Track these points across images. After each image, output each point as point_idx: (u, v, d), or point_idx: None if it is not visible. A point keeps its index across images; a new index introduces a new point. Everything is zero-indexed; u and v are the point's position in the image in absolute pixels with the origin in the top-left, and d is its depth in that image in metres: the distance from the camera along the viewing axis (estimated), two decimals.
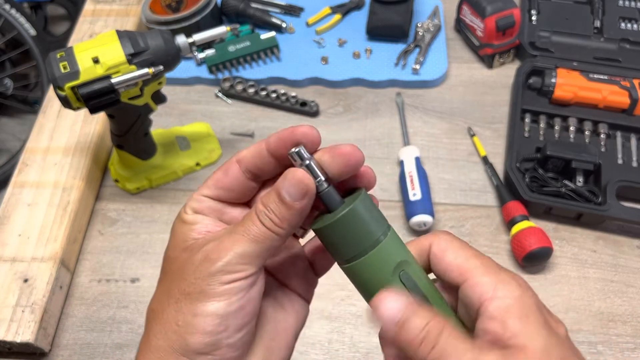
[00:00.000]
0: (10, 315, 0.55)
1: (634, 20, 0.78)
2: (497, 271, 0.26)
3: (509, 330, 0.24)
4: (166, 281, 0.27)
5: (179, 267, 0.26)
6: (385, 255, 0.26)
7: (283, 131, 0.27)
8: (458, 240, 0.28)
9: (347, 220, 0.26)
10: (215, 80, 0.78)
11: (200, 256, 0.26)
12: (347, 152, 0.27)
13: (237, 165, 0.28)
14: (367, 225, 0.26)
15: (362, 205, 0.26)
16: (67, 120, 0.71)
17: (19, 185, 0.65)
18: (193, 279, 0.25)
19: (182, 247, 0.27)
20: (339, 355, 0.55)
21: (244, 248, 0.25)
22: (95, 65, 0.52)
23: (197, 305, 0.25)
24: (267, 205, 0.26)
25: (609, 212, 0.60)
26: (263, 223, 0.25)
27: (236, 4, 0.81)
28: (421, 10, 0.83)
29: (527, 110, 0.70)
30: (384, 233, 0.27)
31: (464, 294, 0.26)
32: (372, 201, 0.27)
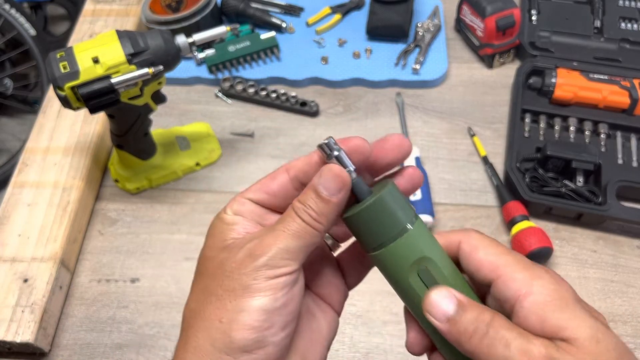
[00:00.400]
0: (10, 315, 0.55)
1: (634, 20, 0.78)
2: (531, 267, 0.26)
3: (550, 323, 0.24)
4: (204, 280, 0.27)
5: (218, 265, 0.26)
6: (406, 248, 0.27)
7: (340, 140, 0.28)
8: (488, 238, 0.28)
9: (374, 209, 0.27)
10: (215, 80, 0.78)
11: (242, 253, 0.26)
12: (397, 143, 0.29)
13: (286, 173, 0.28)
14: (392, 214, 0.27)
15: (389, 194, 0.27)
16: (67, 120, 0.71)
17: (19, 185, 0.65)
18: (237, 275, 0.25)
19: (220, 246, 0.27)
20: (339, 355, 0.55)
21: (286, 243, 0.25)
22: (95, 65, 0.52)
23: (242, 300, 0.25)
24: (305, 202, 0.26)
25: (609, 212, 0.60)
26: (302, 219, 0.26)
27: (236, 4, 0.81)
28: (421, 10, 0.83)
29: (527, 110, 0.70)
30: (409, 223, 0.27)
31: (497, 290, 0.26)
32: (399, 192, 0.28)
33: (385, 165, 0.29)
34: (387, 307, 0.58)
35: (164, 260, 0.62)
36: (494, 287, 0.26)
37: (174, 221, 0.65)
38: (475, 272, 0.27)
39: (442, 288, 0.26)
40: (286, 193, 0.28)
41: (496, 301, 0.26)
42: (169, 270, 0.61)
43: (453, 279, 0.27)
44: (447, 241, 0.29)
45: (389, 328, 0.56)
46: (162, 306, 0.59)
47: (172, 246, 0.63)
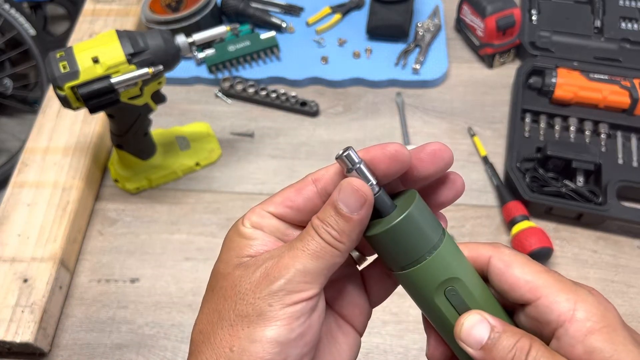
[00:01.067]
0: (9, 316, 0.55)
1: (634, 20, 0.78)
2: (574, 288, 0.24)
3: (597, 355, 0.22)
4: (216, 299, 0.25)
5: (231, 285, 0.24)
6: (434, 268, 0.25)
7: (371, 148, 0.25)
8: (522, 255, 0.26)
9: (400, 228, 0.24)
10: (215, 80, 0.78)
11: (258, 274, 0.24)
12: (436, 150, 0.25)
13: (314, 185, 0.26)
14: (420, 233, 0.25)
15: (416, 211, 0.25)
16: (66, 120, 0.70)
17: (19, 185, 0.65)
18: (252, 299, 0.23)
19: (235, 263, 0.25)
20: None
21: (305, 264, 0.23)
22: (95, 65, 0.51)
23: (256, 329, 0.23)
24: (324, 219, 0.24)
25: (610, 212, 0.60)
26: (322, 237, 0.24)
27: (236, 4, 0.81)
28: (421, 10, 0.83)
29: (527, 110, 0.70)
30: (438, 240, 0.25)
31: (538, 312, 0.24)
32: (425, 205, 0.26)
33: (422, 178, 0.26)
34: (387, 307, 0.58)
35: (163, 260, 0.62)
36: (534, 309, 0.24)
37: (174, 221, 0.65)
38: (510, 291, 0.25)
39: (474, 313, 0.25)
40: (313, 208, 0.26)
41: (533, 322, 0.25)
42: (169, 270, 0.61)
43: (483, 300, 0.26)
44: (476, 254, 0.26)
45: (389, 328, 0.56)
46: (162, 306, 0.59)
47: (172, 246, 0.63)
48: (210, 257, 0.62)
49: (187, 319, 0.58)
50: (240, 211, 0.66)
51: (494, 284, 0.26)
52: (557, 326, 0.23)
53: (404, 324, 0.56)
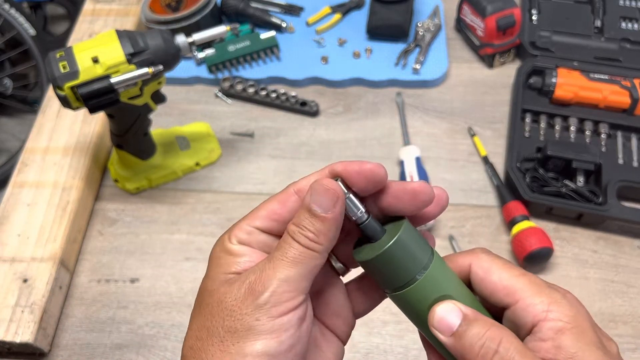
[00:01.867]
0: (9, 316, 0.55)
1: (634, 20, 0.78)
2: (548, 291, 0.25)
3: (564, 351, 0.23)
4: (204, 316, 0.25)
5: (218, 302, 0.24)
6: (426, 288, 0.26)
7: (350, 163, 0.25)
8: (499, 258, 0.27)
9: (390, 253, 0.26)
10: (215, 80, 0.78)
11: (243, 290, 0.24)
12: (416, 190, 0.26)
13: (296, 195, 0.26)
14: (410, 257, 0.26)
15: (406, 235, 0.26)
16: (66, 120, 0.70)
17: (19, 185, 0.64)
18: (239, 315, 0.23)
19: (221, 279, 0.25)
20: None
21: (287, 273, 0.24)
22: (95, 65, 0.51)
23: (246, 344, 0.23)
24: (299, 223, 0.24)
25: (610, 212, 0.60)
26: (300, 242, 0.24)
27: (236, 4, 0.81)
28: (421, 10, 0.83)
29: (527, 110, 0.70)
30: (427, 261, 0.26)
31: (515, 315, 0.25)
32: (414, 230, 0.27)
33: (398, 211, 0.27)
34: (387, 308, 0.58)
35: (163, 260, 0.62)
36: (511, 312, 0.25)
37: (174, 221, 0.65)
38: (491, 296, 0.26)
39: (447, 301, 0.25)
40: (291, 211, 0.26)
41: (513, 324, 0.26)
42: (169, 270, 0.61)
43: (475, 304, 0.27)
44: (457, 266, 0.27)
45: (389, 328, 0.56)
46: (161, 306, 0.59)
47: (172, 246, 0.63)
48: None
49: (187, 319, 0.57)
50: (240, 211, 0.66)
51: (477, 290, 0.27)
52: (532, 326, 0.24)
53: (404, 324, 0.56)
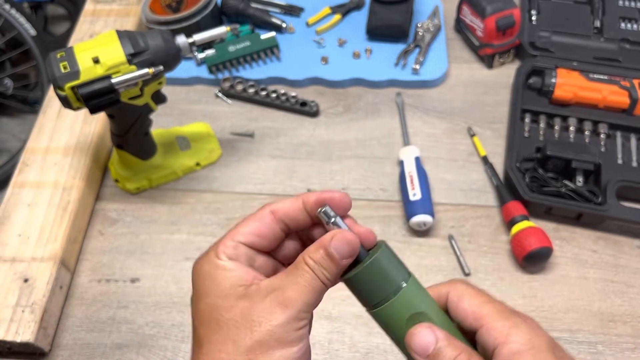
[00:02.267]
0: (10, 315, 0.55)
1: (634, 20, 0.78)
2: (510, 316, 0.28)
3: None
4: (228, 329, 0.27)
5: (241, 315, 0.27)
6: (401, 306, 0.29)
7: (322, 193, 0.31)
8: (473, 288, 0.30)
9: (369, 271, 0.29)
10: (215, 80, 0.78)
11: (269, 304, 0.27)
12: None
13: (272, 215, 0.30)
14: (387, 275, 0.29)
15: (383, 256, 0.30)
16: (67, 120, 0.71)
17: (19, 185, 0.65)
18: (268, 326, 0.27)
19: (235, 295, 0.28)
20: (339, 355, 0.55)
21: (309, 298, 0.28)
22: (96, 65, 0.52)
23: (275, 352, 0.27)
24: (319, 262, 0.29)
25: (609, 212, 0.60)
26: (318, 276, 0.28)
27: (236, 4, 0.81)
28: (421, 10, 0.84)
29: (527, 110, 0.70)
30: (402, 283, 0.30)
31: (481, 338, 0.28)
32: (392, 252, 0.31)
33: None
34: None
35: (164, 260, 0.62)
36: (478, 336, 0.28)
37: (174, 221, 0.65)
38: (462, 321, 0.29)
39: (424, 325, 0.28)
40: (275, 235, 0.31)
41: (481, 347, 0.28)
42: (169, 270, 0.61)
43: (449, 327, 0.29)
44: (437, 294, 0.30)
45: None
46: (162, 306, 0.59)
47: (172, 246, 0.63)
48: None
49: (187, 319, 0.58)
50: (240, 211, 0.66)
51: (452, 316, 0.30)
52: (494, 349, 0.27)
53: None
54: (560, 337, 0.55)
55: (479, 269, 0.60)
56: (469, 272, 0.59)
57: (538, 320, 0.55)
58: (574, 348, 0.54)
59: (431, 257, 0.61)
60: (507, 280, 0.59)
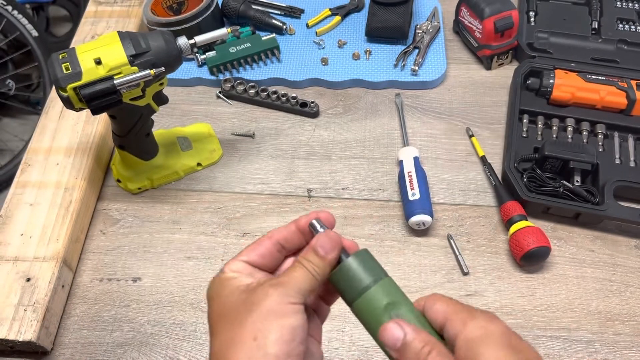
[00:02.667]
0: (12, 314, 0.55)
1: (631, 22, 0.79)
2: (470, 310, 0.32)
3: (473, 353, 0.29)
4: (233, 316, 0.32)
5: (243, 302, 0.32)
6: (376, 298, 0.33)
7: (310, 214, 0.36)
8: (447, 297, 0.34)
9: (347, 268, 0.34)
10: (216, 81, 0.79)
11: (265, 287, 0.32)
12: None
13: (269, 240, 0.36)
14: (361, 273, 0.34)
15: (357, 257, 0.34)
16: (69, 120, 0.71)
17: (21, 185, 0.65)
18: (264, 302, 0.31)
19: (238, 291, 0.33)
20: (339, 353, 0.55)
21: (300, 284, 0.33)
22: (98, 66, 0.52)
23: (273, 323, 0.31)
24: (307, 258, 0.34)
25: (607, 211, 0.60)
26: (308, 270, 0.34)
27: (237, 6, 0.82)
28: (420, 12, 0.84)
29: (525, 111, 0.71)
30: (376, 280, 0.33)
31: (446, 332, 0.32)
32: (370, 255, 0.35)
33: None
34: None
35: (165, 260, 0.63)
36: (445, 331, 0.32)
37: (176, 221, 0.66)
38: (434, 320, 0.33)
39: (394, 320, 0.32)
40: (271, 255, 0.36)
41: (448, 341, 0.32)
42: (171, 269, 0.62)
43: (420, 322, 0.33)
44: (417, 303, 0.34)
45: None
46: (163, 305, 0.59)
47: (173, 245, 0.64)
48: (211, 257, 0.63)
49: (189, 318, 0.58)
50: (241, 210, 0.66)
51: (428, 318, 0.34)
52: (455, 338, 0.31)
53: None
54: (558, 335, 0.56)
55: (478, 268, 0.60)
56: (467, 272, 0.60)
57: (536, 319, 0.56)
58: (572, 347, 0.55)
59: (430, 256, 0.61)
60: (505, 280, 0.59)
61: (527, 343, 0.31)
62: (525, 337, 0.55)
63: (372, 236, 0.63)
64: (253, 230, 0.64)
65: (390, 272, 0.63)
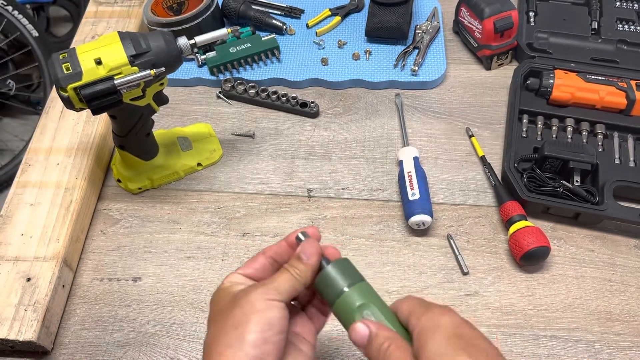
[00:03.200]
0: (13, 314, 0.55)
1: (631, 22, 0.79)
2: (427, 305, 0.36)
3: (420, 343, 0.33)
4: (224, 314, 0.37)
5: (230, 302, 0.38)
6: (350, 300, 0.37)
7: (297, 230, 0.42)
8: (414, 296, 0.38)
9: (327, 274, 0.38)
10: (217, 82, 0.79)
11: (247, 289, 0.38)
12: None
13: (263, 255, 0.42)
14: (339, 278, 0.38)
15: (336, 265, 0.39)
16: (69, 120, 0.71)
17: (22, 185, 0.65)
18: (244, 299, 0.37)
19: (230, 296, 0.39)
20: (339, 353, 0.55)
21: (282, 285, 0.38)
22: (98, 66, 0.52)
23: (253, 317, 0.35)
24: (291, 263, 0.40)
25: (607, 211, 0.60)
26: (290, 272, 0.39)
27: (237, 6, 0.82)
28: (420, 12, 0.84)
29: (525, 111, 0.71)
30: (351, 284, 0.37)
31: (409, 327, 0.36)
32: (348, 262, 0.39)
33: None
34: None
35: (165, 260, 0.63)
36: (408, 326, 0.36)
37: (176, 221, 0.66)
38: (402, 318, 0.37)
39: (363, 320, 0.36)
40: (264, 268, 0.42)
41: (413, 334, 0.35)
42: (171, 269, 0.62)
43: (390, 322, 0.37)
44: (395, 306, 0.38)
45: None
46: (163, 305, 0.59)
47: (173, 245, 0.64)
48: (212, 256, 0.63)
49: (189, 317, 0.58)
50: (241, 210, 0.66)
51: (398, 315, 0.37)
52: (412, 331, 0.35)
53: None
54: (558, 335, 0.56)
55: (477, 268, 0.60)
56: (467, 272, 0.60)
57: (536, 319, 0.56)
58: (572, 347, 0.55)
59: (430, 256, 0.62)
60: (505, 279, 0.60)
61: (480, 332, 0.34)
62: (525, 337, 0.55)
63: (372, 236, 0.63)
64: (253, 230, 0.65)
65: (390, 272, 0.63)
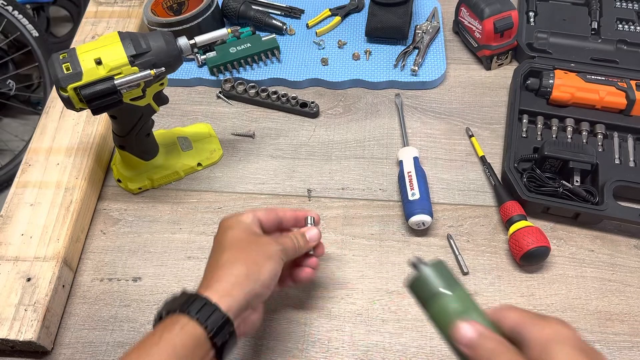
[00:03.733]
0: (13, 314, 0.55)
1: (631, 22, 0.79)
2: (543, 316, 0.35)
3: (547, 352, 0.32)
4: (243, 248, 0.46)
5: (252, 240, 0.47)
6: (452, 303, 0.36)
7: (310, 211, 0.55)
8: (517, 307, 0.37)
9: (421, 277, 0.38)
10: (217, 82, 0.79)
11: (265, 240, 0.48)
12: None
13: (277, 213, 0.52)
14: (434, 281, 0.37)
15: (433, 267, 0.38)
16: (69, 120, 0.71)
17: (22, 185, 0.65)
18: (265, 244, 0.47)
19: (249, 232, 0.48)
20: (339, 353, 0.55)
21: (286, 244, 0.49)
22: (98, 66, 0.52)
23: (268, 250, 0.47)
24: (297, 237, 0.51)
25: (606, 211, 0.60)
26: (293, 241, 0.50)
27: (237, 6, 0.82)
28: (420, 12, 0.84)
29: (524, 111, 0.71)
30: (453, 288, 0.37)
31: (518, 336, 0.34)
32: (445, 267, 0.38)
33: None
34: (386, 306, 0.58)
35: (165, 259, 0.63)
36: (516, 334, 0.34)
37: (176, 221, 0.66)
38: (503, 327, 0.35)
39: (468, 319, 0.35)
40: (272, 223, 0.52)
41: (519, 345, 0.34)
42: (171, 269, 0.62)
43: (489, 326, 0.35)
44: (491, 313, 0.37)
45: (388, 326, 0.57)
46: None
47: (173, 245, 0.64)
48: None
49: None
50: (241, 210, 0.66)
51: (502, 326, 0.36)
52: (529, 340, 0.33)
53: (403, 322, 0.57)
54: None
55: (477, 268, 0.60)
56: (467, 271, 0.60)
57: None
58: None
59: (430, 256, 0.62)
60: (505, 279, 0.60)
61: (596, 349, 0.33)
62: None
63: (372, 236, 0.64)
64: None
65: (390, 272, 0.63)
